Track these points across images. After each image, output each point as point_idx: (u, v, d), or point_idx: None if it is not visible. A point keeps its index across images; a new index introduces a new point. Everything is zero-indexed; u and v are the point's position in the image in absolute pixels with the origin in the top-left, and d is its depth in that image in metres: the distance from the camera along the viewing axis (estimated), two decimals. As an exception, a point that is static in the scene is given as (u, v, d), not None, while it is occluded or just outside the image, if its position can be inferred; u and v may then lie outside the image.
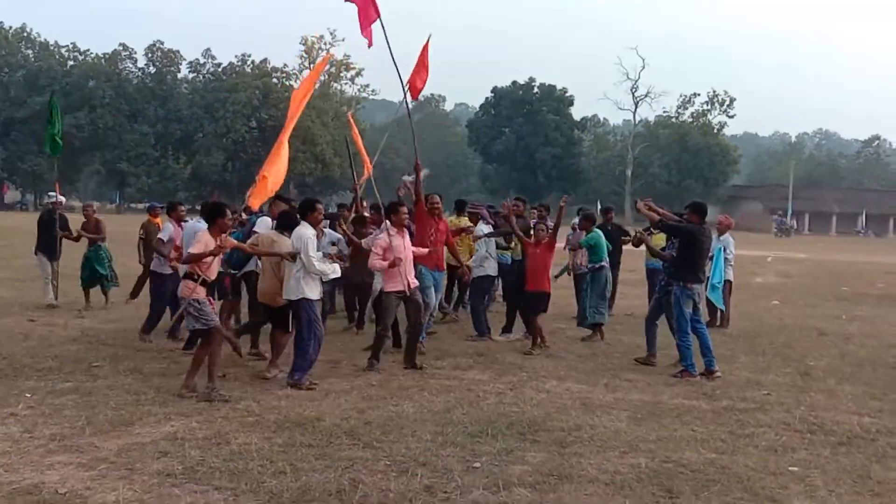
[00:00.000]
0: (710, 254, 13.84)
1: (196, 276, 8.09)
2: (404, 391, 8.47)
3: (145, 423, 7.00)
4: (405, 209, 10.15)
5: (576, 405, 8.13)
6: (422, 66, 11.12)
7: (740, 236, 11.74)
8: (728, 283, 13.69)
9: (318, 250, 8.74)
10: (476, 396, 8.34)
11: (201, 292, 8.13)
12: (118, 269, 14.48)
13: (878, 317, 16.10)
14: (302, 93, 10.44)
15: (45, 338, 10.86)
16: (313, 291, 8.63)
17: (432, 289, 10.79)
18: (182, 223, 11.29)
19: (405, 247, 9.73)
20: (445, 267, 11.62)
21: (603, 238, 12.33)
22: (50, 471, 5.82)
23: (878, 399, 8.85)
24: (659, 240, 13.98)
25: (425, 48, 11.26)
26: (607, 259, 12.45)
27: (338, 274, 8.98)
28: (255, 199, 9.30)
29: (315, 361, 8.72)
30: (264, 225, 10.10)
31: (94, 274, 13.91)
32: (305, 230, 8.61)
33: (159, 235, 11.54)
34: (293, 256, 8.52)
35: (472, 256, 12.28)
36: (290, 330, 9.05)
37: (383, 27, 9.94)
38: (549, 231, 11.27)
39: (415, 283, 9.83)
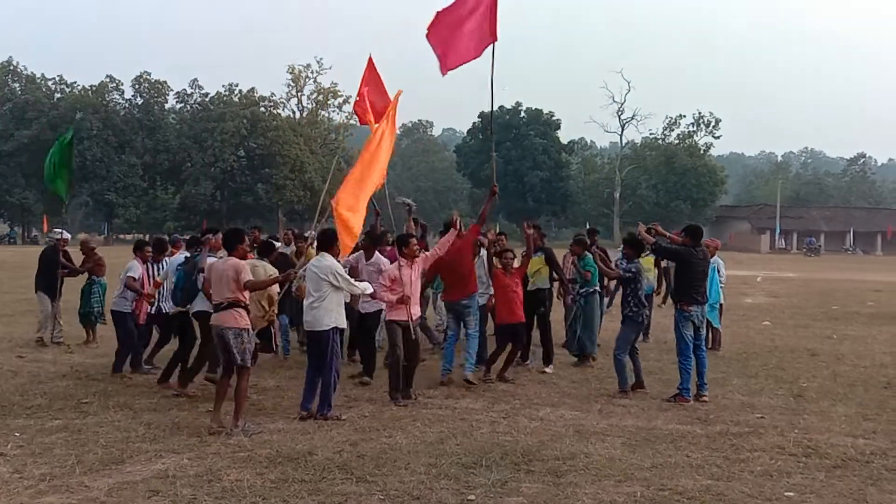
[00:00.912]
0: None
1: (244, 305, 8.15)
2: (397, 422, 8.42)
3: (136, 461, 6.93)
4: (415, 241, 9.96)
5: (570, 433, 8.09)
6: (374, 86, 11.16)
7: (729, 256, 11.79)
8: (719, 305, 13.70)
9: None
10: (469, 426, 8.29)
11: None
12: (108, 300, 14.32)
13: (869, 336, 16.12)
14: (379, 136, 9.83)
15: (35, 374, 10.77)
16: (342, 320, 8.76)
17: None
18: (148, 262, 11.32)
19: (413, 279, 9.61)
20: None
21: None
22: (39, 512, 5.75)
23: (871, 420, 8.85)
24: (647, 262, 14.05)
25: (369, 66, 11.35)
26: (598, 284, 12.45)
27: (370, 290, 9.24)
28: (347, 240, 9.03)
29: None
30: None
31: (87, 312, 13.46)
32: (328, 260, 8.69)
33: (129, 273, 11.12)
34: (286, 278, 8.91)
35: None
36: (274, 349, 9.13)
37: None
38: (522, 259, 11.41)
39: (418, 315, 9.77)
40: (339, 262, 8.95)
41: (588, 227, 18.88)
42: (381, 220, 12.96)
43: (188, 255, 10.39)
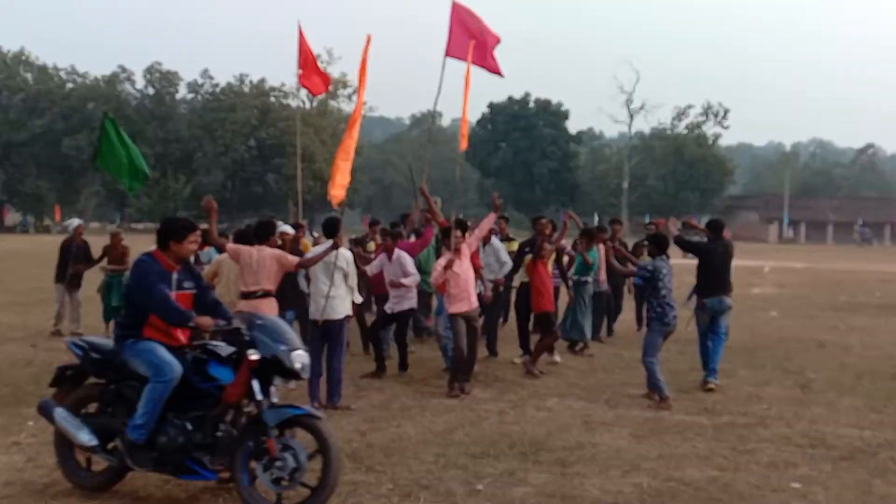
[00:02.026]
0: None
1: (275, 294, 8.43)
2: (406, 412, 8.50)
3: (149, 450, 7.00)
4: (458, 232, 9.81)
5: (577, 423, 8.16)
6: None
7: (737, 246, 11.77)
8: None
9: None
10: (477, 416, 8.36)
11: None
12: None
13: (877, 327, 16.13)
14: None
15: (48, 364, 10.77)
16: (349, 308, 9.01)
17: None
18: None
19: (464, 269, 9.61)
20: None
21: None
22: (54, 501, 5.85)
23: (878, 412, 8.88)
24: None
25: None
26: (593, 275, 12.42)
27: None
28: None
29: None
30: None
31: (112, 307, 12.84)
32: (347, 252, 8.97)
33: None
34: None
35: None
36: None
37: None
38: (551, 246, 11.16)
39: (475, 304, 9.79)
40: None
41: (611, 218, 18.74)
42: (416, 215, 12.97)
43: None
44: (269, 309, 8.05)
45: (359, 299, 9.51)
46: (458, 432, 7.71)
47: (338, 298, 8.72)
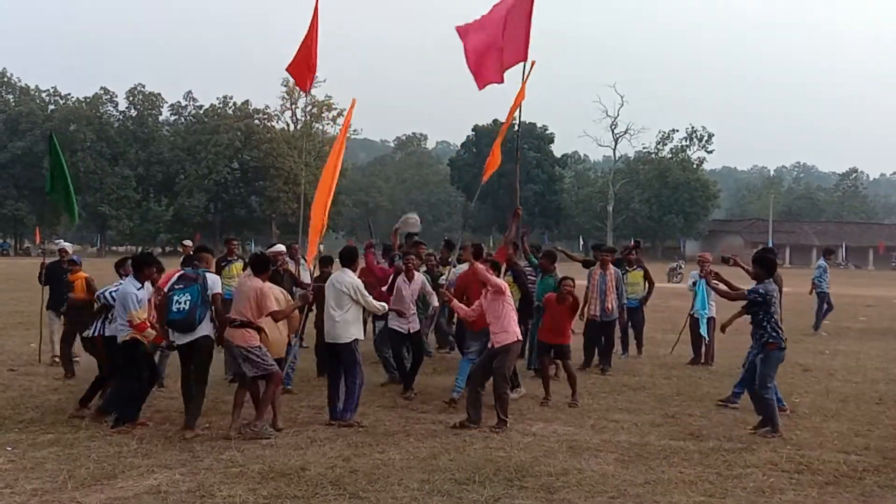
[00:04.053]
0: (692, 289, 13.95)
1: (256, 327, 8.42)
2: (390, 437, 8.41)
3: (128, 477, 6.90)
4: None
5: (563, 448, 8.09)
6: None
7: (720, 270, 11.76)
8: (712, 319, 13.72)
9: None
10: (462, 441, 8.28)
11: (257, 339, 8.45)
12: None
13: (861, 351, 16.15)
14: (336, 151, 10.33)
15: (27, 388, 10.72)
16: (360, 332, 9.12)
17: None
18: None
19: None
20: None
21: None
22: (30, 528, 5.73)
23: (863, 436, 8.86)
24: (636, 277, 14.08)
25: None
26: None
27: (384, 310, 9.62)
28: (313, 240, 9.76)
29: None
30: (213, 281, 9.16)
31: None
32: (349, 276, 9.05)
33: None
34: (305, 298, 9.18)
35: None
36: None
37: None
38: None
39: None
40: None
41: (633, 240, 18.71)
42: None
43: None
44: (243, 338, 8.36)
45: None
46: (443, 458, 7.63)
47: (344, 323, 8.94)
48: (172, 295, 8.43)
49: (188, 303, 8.34)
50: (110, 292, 9.11)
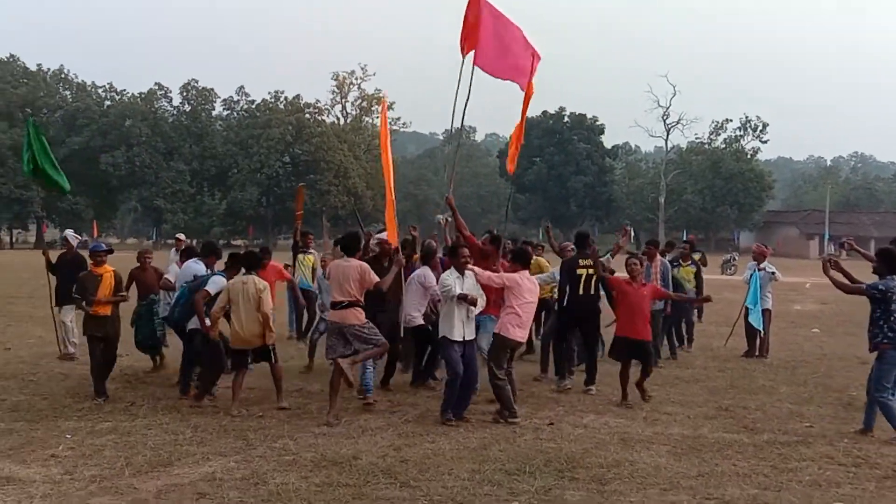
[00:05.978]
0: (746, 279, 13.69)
1: (361, 305, 8.78)
2: (440, 427, 8.43)
3: (184, 464, 7.03)
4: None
5: (614, 440, 8.04)
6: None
7: (777, 262, 11.59)
8: (767, 311, 13.51)
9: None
10: (512, 432, 8.27)
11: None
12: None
13: (922, 344, 15.73)
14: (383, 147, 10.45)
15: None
16: (452, 331, 8.73)
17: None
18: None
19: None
20: None
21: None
22: (90, 513, 5.86)
23: (923, 430, 8.65)
24: (687, 273, 13.82)
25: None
26: None
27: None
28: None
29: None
30: (216, 283, 9.49)
31: (149, 335, 11.49)
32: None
33: (167, 276, 11.13)
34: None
35: None
36: (276, 360, 9.28)
37: None
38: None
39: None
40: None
41: (686, 236, 18.54)
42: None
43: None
44: (354, 317, 8.71)
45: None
46: (493, 448, 7.63)
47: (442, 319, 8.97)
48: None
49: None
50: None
